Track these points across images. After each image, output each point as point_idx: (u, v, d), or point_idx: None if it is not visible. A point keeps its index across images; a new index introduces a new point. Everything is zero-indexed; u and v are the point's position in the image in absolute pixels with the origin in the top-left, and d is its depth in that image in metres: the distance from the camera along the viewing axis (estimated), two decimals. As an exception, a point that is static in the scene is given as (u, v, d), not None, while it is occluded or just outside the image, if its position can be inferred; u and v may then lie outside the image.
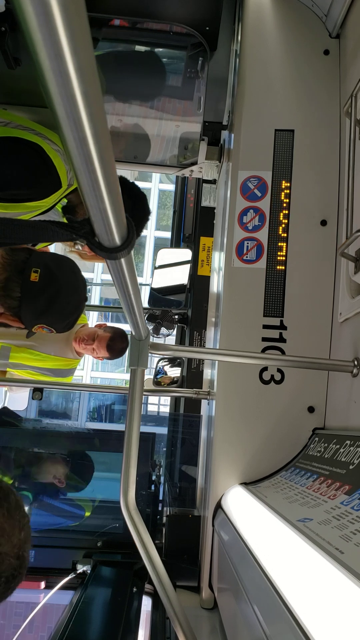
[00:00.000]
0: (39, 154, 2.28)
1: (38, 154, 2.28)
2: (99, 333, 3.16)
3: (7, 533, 1.13)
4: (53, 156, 2.30)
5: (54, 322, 1.96)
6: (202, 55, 2.81)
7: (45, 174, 2.30)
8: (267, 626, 1.11)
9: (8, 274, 1.86)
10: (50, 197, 2.35)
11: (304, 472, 1.85)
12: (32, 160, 2.29)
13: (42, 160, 2.28)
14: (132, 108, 3.29)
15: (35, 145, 2.29)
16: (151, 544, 1.48)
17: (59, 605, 2.47)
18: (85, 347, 3.15)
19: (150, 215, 2.70)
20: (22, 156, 2.29)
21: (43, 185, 2.32)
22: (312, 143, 2.28)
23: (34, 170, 2.29)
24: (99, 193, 0.61)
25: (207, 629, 2.08)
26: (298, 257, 2.22)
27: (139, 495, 2.79)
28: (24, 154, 2.29)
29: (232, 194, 2.29)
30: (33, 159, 2.29)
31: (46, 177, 2.30)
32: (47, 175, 2.30)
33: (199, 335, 3.94)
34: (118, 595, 2.36)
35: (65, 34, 0.37)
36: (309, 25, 2.34)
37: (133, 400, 1.52)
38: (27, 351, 3.06)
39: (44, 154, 2.28)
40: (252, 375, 2.18)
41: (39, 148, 2.28)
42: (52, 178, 2.30)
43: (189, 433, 3.48)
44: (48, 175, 2.30)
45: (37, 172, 2.29)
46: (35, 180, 2.31)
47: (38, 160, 2.28)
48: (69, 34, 0.37)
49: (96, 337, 3.14)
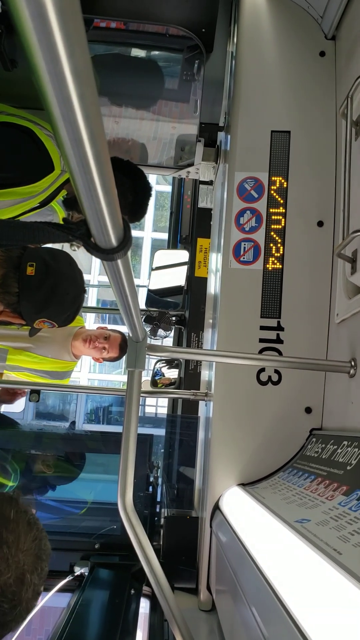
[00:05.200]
0: (29, 136, 2.29)
1: (28, 136, 2.29)
2: (110, 333, 3.15)
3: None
4: (45, 139, 2.31)
5: (54, 315, 1.95)
6: (198, 57, 2.82)
7: (35, 155, 2.30)
8: (265, 628, 1.11)
9: (4, 271, 1.85)
10: (42, 181, 2.34)
11: (301, 472, 1.85)
12: (21, 142, 2.30)
13: (33, 142, 2.29)
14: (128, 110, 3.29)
15: (25, 128, 2.30)
16: (149, 546, 1.47)
17: (56, 608, 2.46)
18: (95, 347, 3.12)
19: (152, 190, 2.69)
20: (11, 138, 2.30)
21: (33, 166, 2.31)
22: (309, 144, 2.28)
23: (23, 151, 2.30)
24: (95, 194, 0.61)
25: (205, 631, 2.08)
26: (295, 258, 2.22)
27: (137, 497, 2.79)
28: (13, 137, 2.30)
29: (229, 195, 2.29)
30: (22, 141, 2.30)
31: (36, 158, 2.30)
32: (37, 157, 2.30)
33: (196, 337, 3.94)
34: (116, 598, 2.35)
35: (61, 36, 0.37)
36: (304, 27, 2.35)
37: (130, 401, 1.52)
38: (24, 353, 3.05)
39: (34, 136, 2.29)
40: (250, 377, 2.18)
41: (30, 131, 2.29)
42: (43, 159, 2.30)
43: (186, 434, 3.48)
44: (38, 157, 2.30)
45: (27, 154, 2.30)
46: (25, 161, 2.31)
47: (28, 143, 2.29)
48: (64, 36, 0.37)
49: (108, 336, 3.12)
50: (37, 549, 1.15)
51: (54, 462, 3.28)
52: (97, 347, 3.11)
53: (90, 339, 3.10)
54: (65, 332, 3.04)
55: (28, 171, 2.34)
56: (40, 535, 1.18)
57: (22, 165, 2.34)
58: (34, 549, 1.14)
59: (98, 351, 3.13)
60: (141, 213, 2.72)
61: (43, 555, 1.18)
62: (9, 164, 2.33)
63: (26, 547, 1.11)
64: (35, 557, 1.14)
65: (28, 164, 2.35)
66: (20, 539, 1.11)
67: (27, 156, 2.33)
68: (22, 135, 2.32)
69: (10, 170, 2.32)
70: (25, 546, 1.11)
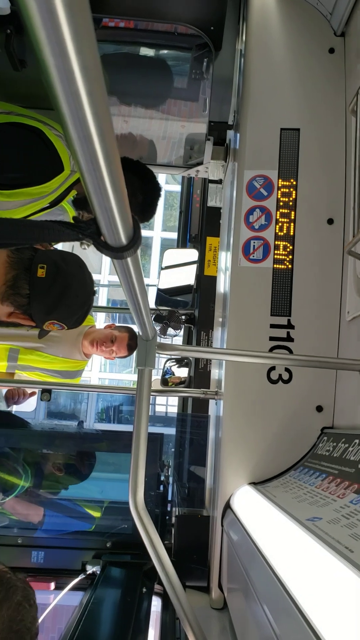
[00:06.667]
0: (38, 137, 2.30)
1: (38, 136, 2.30)
2: (116, 334, 3.15)
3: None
4: (54, 140, 2.32)
5: (64, 317, 1.95)
6: (207, 56, 2.81)
7: (45, 155, 2.31)
8: (277, 626, 1.11)
9: (15, 272, 1.86)
10: (52, 181, 2.35)
11: (312, 471, 1.85)
12: (30, 143, 2.31)
13: (42, 142, 2.30)
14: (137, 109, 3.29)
15: (35, 129, 2.32)
16: (160, 545, 1.47)
17: (68, 606, 2.47)
18: (103, 350, 3.14)
19: (161, 190, 2.70)
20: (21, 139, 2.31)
21: (43, 166, 2.32)
22: (318, 141, 2.27)
23: (32, 151, 2.31)
24: (105, 192, 0.61)
25: (217, 629, 2.08)
26: (305, 255, 2.21)
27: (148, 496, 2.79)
28: (23, 137, 2.31)
29: (238, 194, 2.29)
30: (32, 141, 2.31)
31: (46, 158, 2.31)
32: (46, 157, 2.31)
33: (206, 336, 3.94)
34: (128, 596, 2.36)
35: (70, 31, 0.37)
36: (313, 24, 2.34)
37: (141, 400, 1.52)
38: (35, 353, 3.06)
39: (44, 136, 2.30)
40: (260, 375, 2.17)
41: (39, 131, 2.31)
42: (52, 159, 2.31)
43: (197, 433, 3.48)
44: (48, 157, 2.31)
45: (36, 154, 2.31)
46: (35, 161, 2.32)
47: (37, 143, 2.30)
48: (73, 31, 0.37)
49: (114, 338, 3.13)
50: (8, 631, 1.05)
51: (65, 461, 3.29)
52: (105, 350, 3.12)
53: (97, 342, 3.11)
54: (75, 331, 3.05)
55: (38, 171, 2.35)
56: (18, 617, 1.07)
57: (31, 166, 2.35)
58: (6, 631, 1.05)
59: (106, 352, 3.14)
60: (151, 213, 2.72)
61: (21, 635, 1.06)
62: (19, 164, 2.34)
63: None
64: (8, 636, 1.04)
65: (38, 164, 2.36)
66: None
67: (36, 156, 2.34)
68: (32, 136, 2.33)
69: (20, 170, 2.33)
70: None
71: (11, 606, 1.06)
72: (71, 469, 3.32)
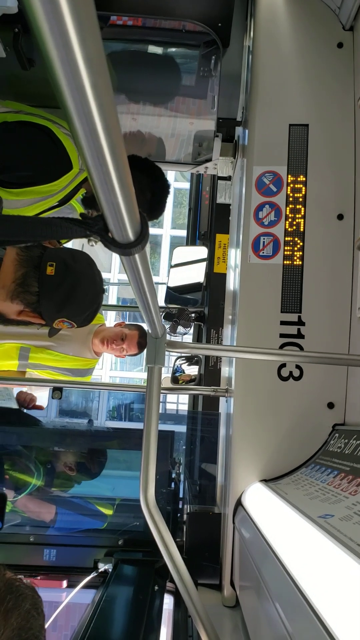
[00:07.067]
0: (47, 135, 2.31)
1: (46, 135, 2.31)
2: (126, 332, 3.16)
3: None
4: (63, 138, 2.33)
5: (73, 315, 1.95)
6: (215, 53, 2.80)
7: (53, 153, 2.32)
8: (290, 624, 1.10)
9: (25, 270, 1.86)
10: (61, 179, 2.36)
11: (324, 468, 1.84)
12: (39, 141, 2.33)
13: (51, 140, 2.31)
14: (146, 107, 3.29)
15: (44, 127, 2.33)
16: (172, 542, 1.47)
17: (81, 604, 2.48)
18: (114, 348, 3.15)
19: (170, 188, 2.71)
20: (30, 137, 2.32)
21: (52, 165, 2.33)
22: (327, 137, 2.26)
23: (41, 150, 2.32)
24: (111, 188, 0.61)
25: (230, 627, 2.08)
26: (315, 251, 2.20)
27: (159, 493, 2.79)
28: (31, 136, 2.32)
29: (247, 190, 2.28)
30: (41, 139, 2.32)
31: (54, 156, 2.32)
32: (55, 155, 2.32)
33: (216, 333, 3.93)
34: (140, 594, 2.36)
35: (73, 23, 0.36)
36: (321, 18, 2.32)
37: (151, 398, 1.52)
38: (46, 352, 3.08)
39: (52, 135, 2.31)
40: (271, 372, 2.16)
41: (48, 130, 2.32)
42: (61, 158, 2.32)
43: (207, 431, 3.47)
44: (56, 155, 2.32)
45: (45, 152, 2.32)
46: (43, 160, 2.33)
47: (46, 142, 2.31)
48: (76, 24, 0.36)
49: (124, 336, 3.14)
50: (17, 639, 1.04)
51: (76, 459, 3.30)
52: (115, 348, 3.13)
53: (107, 341, 3.12)
54: (86, 329, 3.06)
55: (46, 170, 2.36)
56: (27, 625, 1.07)
57: (40, 164, 2.36)
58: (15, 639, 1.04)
59: (117, 351, 3.15)
60: (159, 211, 2.72)
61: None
62: (28, 162, 2.34)
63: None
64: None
65: (46, 162, 2.36)
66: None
67: (45, 155, 2.35)
68: (41, 134, 2.34)
69: (29, 168, 2.34)
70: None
71: (21, 614, 1.06)
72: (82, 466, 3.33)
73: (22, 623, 1.05)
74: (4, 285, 1.85)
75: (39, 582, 2.54)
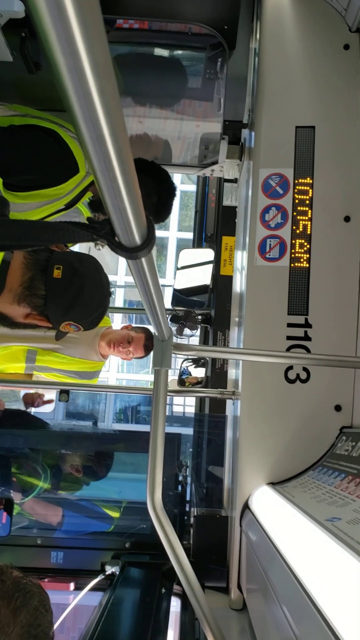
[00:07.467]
0: (54, 139, 2.32)
1: (53, 138, 2.33)
2: (132, 334, 3.16)
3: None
4: (69, 142, 2.34)
5: (80, 318, 1.95)
6: (221, 55, 2.81)
7: (60, 157, 2.33)
8: (297, 627, 1.10)
9: (32, 273, 1.87)
10: (67, 183, 2.37)
11: (331, 471, 1.83)
12: (46, 145, 2.34)
13: (58, 144, 2.32)
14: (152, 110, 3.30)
15: (50, 131, 2.34)
16: (179, 545, 1.47)
17: (88, 607, 2.48)
18: (120, 351, 3.15)
19: (176, 191, 2.71)
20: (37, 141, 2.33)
21: (58, 168, 2.34)
22: (334, 139, 2.25)
23: (48, 153, 2.33)
24: (118, 192, 0.61)
25: (237, 630, 2.07)
26: (322, 253, 2.19)
27: (166, 496, 2.79)
28: (38, 139, 2.33)
29: (254, 192, 2.28)
30: (47, 143, 2.33)
31: (61, 160, 2.33)
32: (62, 159, 2.33)
33: (222, 336, 3.93)
34: (147, 596, 2.36)
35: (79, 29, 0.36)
36: (328, 20, 2.32)
37: (157, 400, 1.52)
38: (53, 354, 3.08)
39: (59, 138, 2.32)
40: (277, 375, 2.16)
41: (55, 133, 2.33)
42: (67, 161, 2.33)
43: (214, 433, 3.47)
44: (63, 159, 2.32)
45: (51, 155, 2.33)
46: (50, 163, 2.34)
47: (53, 145, 2.32)
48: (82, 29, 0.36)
49: (131, 339, 3.14)
50: (27, 636, 1.05)
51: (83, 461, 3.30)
52: (122, 351, 3.13)
53: (114, 343, 3.12)
54: (92, 332, 3.06)
55: (53, 173, 2.36)
56: (36, 622, 1.07)
57: (47, 167, 2.37)
58: (25, 637, 1.04)
59: (123, 353, 3.16)
60: (166, 213, 2.73)
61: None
62: (35, 166, 2.35)
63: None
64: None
65: (53, 165, 2.37)
66: (0, 632, 1.01)
67: (51, 158, 2.36)
68: (47, 138, 2.35)
69: (36, 172, 2.35)
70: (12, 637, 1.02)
71: (29, 612, 1.07)
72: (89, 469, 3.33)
73: (31, 620, 1.06)
74: (11, 289, 1.86)
75: (46, 584, 2.54)
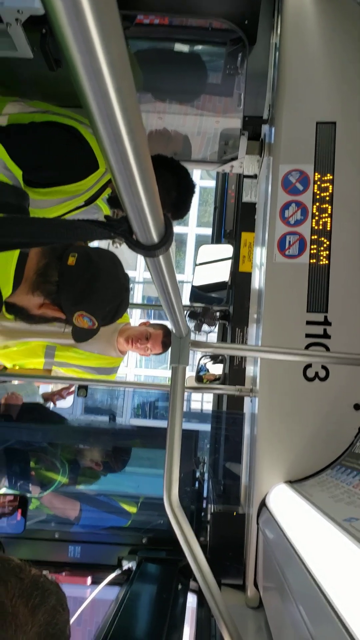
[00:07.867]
0: (73, 135, 2.33)
1: (73, 135, 2.33)
2: (150, 331, 3.17)
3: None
4: (89, 138, 2.34)
5: (93, 309, 1.92)
6: (242, 50, 2.79)
7: (80, 153, 2.33)
8: (313, 627, 1.09)
9: (47, 260, 1.86)
10: (87, 179, 2.37)
11: (350, 470, 1.82)
12: (66, 141, 2.35)
13: (78, 140, 2.33)
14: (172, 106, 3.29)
15: (70, 127, 2.35)
16: (195, 542, 1.47)
17: (105, 601, 2.49)
18: (138, 347, 3.16)
19: (195, 187, 2.71)
20: (57, 137, 2.34)
21: (78, 164, 2.35)
22: (355, 134, 2.23)
23: (67, 150, 2.34)
24: (135, 190, 0.61)
25: (253, 628, 2.07)
26: (342, 250, 2.17)
27: (183, 492, 2.79)
28: (58, 136, 2.34)
29: (273, 188, 2.26)
30: (67, 139, 2.34)
31: (80, 156, 2.34)
32: (81, 155, 2.33)
33: (241, 332, 3.92)
34: (163, 592, 2.36)
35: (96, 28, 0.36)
36: (350, 15, 2.29)
37: (175, 397, 1.52)
38: (71, 350, 3.10)
39: (79, 135, 2.33)
40: (296, 372, 2.15)
41: (75, 130, 2.33)
42: (87, 157, 2.34)
43: (232, 430, 3.46)
44: (82, 155, 2.33)
45: (71, 152, 2.34)
46: (70, 159, 2.35)
47: (72, 141, 2.33)
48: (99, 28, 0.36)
49: (149, 335, 3.15)
50: (45, 635, 1.04)
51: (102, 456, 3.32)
52: (140, 347, 3.14)
53: (132, 339, 3.13)
54: (110, 328, 3.08)
55: (73, 169, 2.37)
56: (54, 620, 1.07)
57: (66, 164, 2.38)
58: (43, 635, 1.04)
59: (142, 350, 3.16)
60: (184, 210, 2.72)
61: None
62: (55, 162, 2.36)
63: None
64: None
65: (73, 162, 2.38)
66: (19, 631, 1.00)
67: (71, 154, 2.37)
68: (67, 134, 2.36)
69: (56, 168, 2.36)
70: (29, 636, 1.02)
71: (47, 610, 1.08)
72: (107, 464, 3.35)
73: (48, 619, 1.07)
74: (27, 278, 1.85)
75: (63, 578, 2.57)
